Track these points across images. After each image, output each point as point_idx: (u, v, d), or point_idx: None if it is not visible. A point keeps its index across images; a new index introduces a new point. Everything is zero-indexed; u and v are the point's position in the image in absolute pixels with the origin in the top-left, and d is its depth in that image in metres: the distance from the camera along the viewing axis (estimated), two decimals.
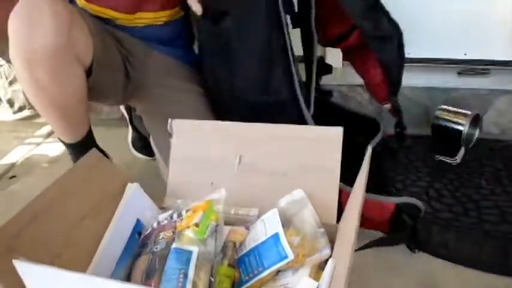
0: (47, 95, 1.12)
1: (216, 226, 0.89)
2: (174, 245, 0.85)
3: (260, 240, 0.90)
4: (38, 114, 2.18)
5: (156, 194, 1.06)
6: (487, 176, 1.42)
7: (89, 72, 1.16)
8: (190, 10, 1.18)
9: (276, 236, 0.88)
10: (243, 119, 1.04)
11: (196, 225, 0.88)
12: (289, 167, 1.01)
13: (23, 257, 0.68)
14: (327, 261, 0.83)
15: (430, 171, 1.46)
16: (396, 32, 1.26)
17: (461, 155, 1.49)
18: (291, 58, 1.20)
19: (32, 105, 2.13)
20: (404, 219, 1.18)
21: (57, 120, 1.22)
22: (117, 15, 1.26)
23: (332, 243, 0.90)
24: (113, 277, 0.90)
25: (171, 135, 1.09)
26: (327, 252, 0.87)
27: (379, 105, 1.50)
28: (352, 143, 1.01)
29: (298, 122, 1.21)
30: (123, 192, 0.97)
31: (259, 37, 1.18)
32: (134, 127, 1.62)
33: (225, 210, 0.94)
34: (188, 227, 0.88)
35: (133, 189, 1.00)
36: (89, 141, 1.31)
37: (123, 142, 1.72)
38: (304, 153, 1.01)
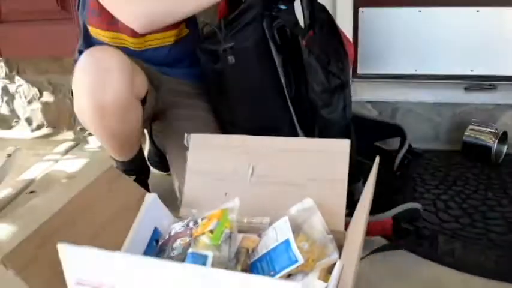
0: (113, 134, 1.24)
1: (230, 233, 0.96)
2: (190, 250, 0.92)
3: (271, 246, 0.96)
4: (55, 132, 2.29)
5: (170, 206, 1.13)
6: (494, 187, 1.47)
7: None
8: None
9: (286, 241, 0.94)
10: None
11: (211, 231, 0.94)
12: (299, 178, 1.07)
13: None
14: (334, 266, 0.90)
15: (437, 184, 1.52)
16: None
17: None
18: (287, 96, 1.26)
19: (49, 125, 2.25)
20: (405, 227, 1.24)
21: (116, 147, 1.33)
22: (130, 40, 1.35)
23: (340, 249, 0.96)
24: None
25: (187, 149, 1.16)
26: (335, 257, 0.93)
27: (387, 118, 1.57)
28: (380, 150, 1.07)
29: None
30: (139, 205, 1.04)
31: (253, 78, 1.26)
32: (153, 141, 1.69)
33: (238, 219, 1.01)
34: (203, 234, 0.95)
35: (151, 199, 1.07)
36: (138, 157, 1.42)
37: None
38: (313, 164, 1.07)
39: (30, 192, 1.77)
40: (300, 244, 0.94)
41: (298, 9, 1.31)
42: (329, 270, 0.92)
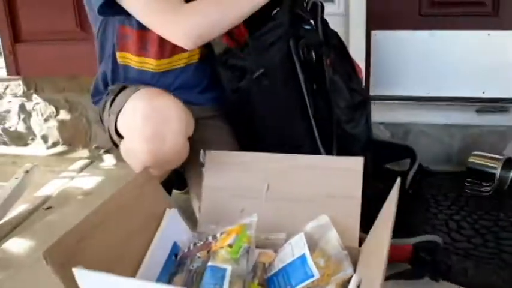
0: (162, 175, 1.30)
1: (248, 248, 1.00)
2: (209, 263, 0.97)
3: (288, 261, 1.00)
4: (70, 150, 2.35)
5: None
6: (506, 208, 1.51)
7: None
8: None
9: (302, 257, 0.99)
10: None
11: (230, 246, 0.99)
12: (314, 195, 1.12)
13: (81, 266, 0.80)
14: (349, 280, 0.94)
15: (449, 205, 1.55)
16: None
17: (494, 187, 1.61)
18: (310, 113, 1.32)
19: (65, 142, 2.31)
20: (423, 256, 1.28)
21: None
22: (154, 62, 1.40)
23: (354, 265, 1.00)
24: None
25: (203, 165, 1.21)
26: (350, 272, 0.97)
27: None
28: (389, 171, 1.12)
29: None
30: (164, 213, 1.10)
31: (278, 95, 1.32)
32: None
33: (255, 235, 1.05)
34: (222, 248, 0.99)
35: (171, 214, 1.11)
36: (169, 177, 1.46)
37: None
38: (328, 181, 1.12)
39: (47, 208, 1.82)
40: (316, 259, 0.98)
41: None
42: (344, 285, 0.96)
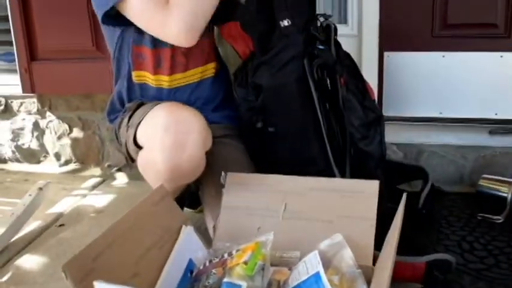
0: (178, 189, 1.35)
1: (264, 265, 1.03)
2: (225, 279, 1.00)
3: (302, 279, 1.03)
4: (82, 168, 2.40)
5: None
6: None
7: None
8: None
9: (317, 274, 1.01)
10: None
11: (245, 263, 1.02)
12: (329, 215, 1.15)
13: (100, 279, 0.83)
14: None
15: (462, 226, 1.58)
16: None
17: (505, 214, 1.61)
18: (324, 131, 1.37)
19: (78, 160, 2.36)
20: (436, 274, 1.30)
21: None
22: (166, 78, 1.46)
23: (368, 283, 1.03)
24: None
25: (223, 186, 1.25)
26: None
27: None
28: (401, 192, 1.15)
29: None
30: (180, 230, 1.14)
31: (292, 113, 1.37)
32: None
33: (270, 253, 1.08)
34: (238, 264, 1.02)
35: (187, 231, 1.15)
36: (181, 194, 1.49)
37: None
38: (343, 203, 1.16)
39: (60, 226, 1.86)
40: (330, 277, 1.01)
41: None
42: None
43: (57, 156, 2.45)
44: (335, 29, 1.44)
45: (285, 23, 1.35)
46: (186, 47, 1.30)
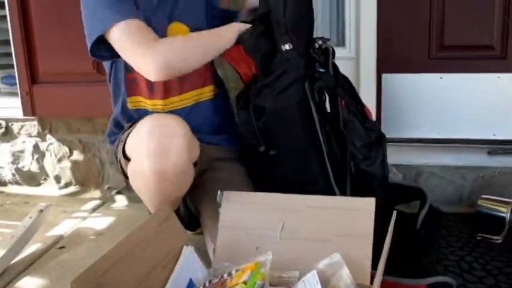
0: (166, 198, 1.35)
1: (262, 285, 1.06)
2: None
3: None
4: (82, 190, 2.42)
5: None
6: None
7: None
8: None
9: None
10: None
11: (245, 283, 1.05)
12: (327, 234, 1.18)
13: None
14: None
15: (461, 246, 1.60)
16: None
17: (504, 234, 1.64)
18: (326, 156, 1.41)
19: (77, 183, 2.39)
20: None
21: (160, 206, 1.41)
22: (160, 102, 1.50)
23: None
24: None
25: (220, 205, 1.28)
26: None
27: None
28: (401, 213, 1.18)
29: None
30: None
31: (294, 135, 1.41)
32: (185, 202, 1.81)
33: (269, 273, 1.11)
34: (237, 284, 1.05)
35: (187, 251, 1.18)
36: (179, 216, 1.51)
37: None
38: (340, 221, 1.18)
39: (60, 248, 1.88)
40: None
41: None
42: None
43: (57, 178, 2.48)
44: (333, 52, 1.49)
45: (286, 47, 1.40)
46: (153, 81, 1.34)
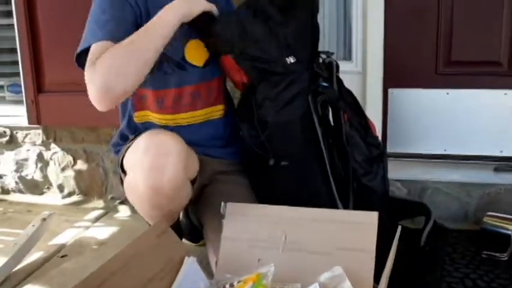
0: (162, 213, 1.37)
1: None
2: None
3: None
4: (85, 200, 2.45)
5: None
6: None
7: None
8: None
9: None
10: None
11: None
12: (329, 247, 1.20)
13: None
14: None
15: (466, 263, 1.61)
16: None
17: (510, 252, 1.65)
18: (328, 166, 1.43)
19: (81, 192, 2.42)
20: None
21: (157, 220, 1.41)
22: (169, 117, 1.52)
23: None
24: None
25: (223, 217, 1.30)
26: None
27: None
28: (406, 229, 1.20)
29: None
30: (182, 262, 1.18)
31: (297, 148, 1.44)
32: (187, 215, 1.83)
33: (271, 285, 1.13)
34: None
35: (189, 262, 1.20)
36: (173, 226, 1.52)
37: None
38: (344, 235, 1.20)
39: (62, 256, 1.91)
40: None
41: None
42: None
43: (61, 187, 2.50)
44: (337, 66, 1.51)
45: (291, 59, 1.43)
46: (102, 110, 1.31)
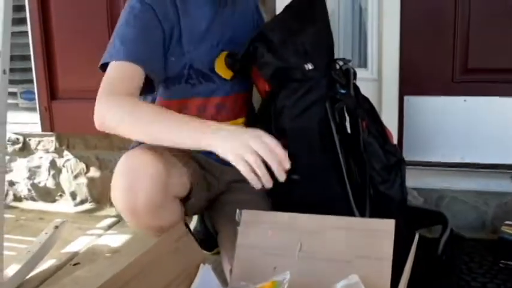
0: (148, 228, 1.38)
1: None
2: None
3: None
4: (98, 208, 2.48)
5: None
6: None
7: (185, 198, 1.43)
8: None
9: None
10: None
11: None
12: (345, 255, 1.20)
13: None
14: None
15: (483, 273, 1.62)
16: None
17: None
18: (345, 174, 1.44)
19: (93, 200, 2.44)
20: None
21: (153, 235, 1.43)
22: None
23: None
24: None
25: (238, 224, 1.31)
26: None
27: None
28: (423, 238, 1.21)
29: None
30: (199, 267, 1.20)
31: (314, 155, 1.45)
32: (203, 222, 1.85)
33: None
34: None
35: (204, 270, 1.22)
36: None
37: None
38: (360, 242, 1.21)
39: (75, 264, 1.93)
40: None
41: None
42: None
43: (73, 195, 2.54)
44: (354, 74, 1.53)
45: (309, 66, 1.44)
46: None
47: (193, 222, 1.91)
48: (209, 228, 1.77)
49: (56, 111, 2.39)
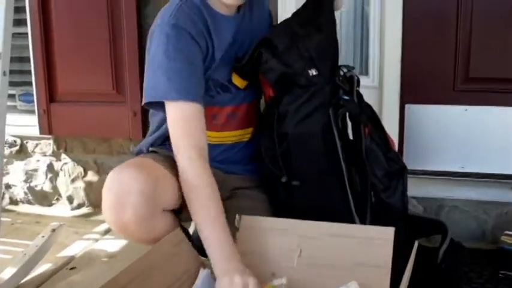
0: (139, 240, 1.41)
1: None
2: None
3: None
4: (94, 212, 2.48)
5: None
6: None
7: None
8: None
9: None
10: None
11: None
12: (344, 262, 1.22)
13: None
14: None
15: (483, 283, 1.63)
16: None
17: None
18: (346, 180, 1.45)
19: (90, 204, 2.45)
20: None
21: (145, 245, 1.43)
22: (210, 133, 1.52)
23: None
24: None
25: (237, 229, 1.32)
26: None
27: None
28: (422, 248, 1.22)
29: None
30: (197, 273, 1.21)
31: (316, 161, 1.46)
32: None
33: None
34: None
35: (203, 274, 1.23)
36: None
37: None
38: (359, 250, 1.22)
39: (71, 269, 1.93)
40: None
41: None
42: None
43: (70, 199, 2.54)
44: (358, 81, 1.54)
45: (313, 72, 1.46)
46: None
47: (192, 227, 1.91)
48: None
49: (54, 114, 2.40)
